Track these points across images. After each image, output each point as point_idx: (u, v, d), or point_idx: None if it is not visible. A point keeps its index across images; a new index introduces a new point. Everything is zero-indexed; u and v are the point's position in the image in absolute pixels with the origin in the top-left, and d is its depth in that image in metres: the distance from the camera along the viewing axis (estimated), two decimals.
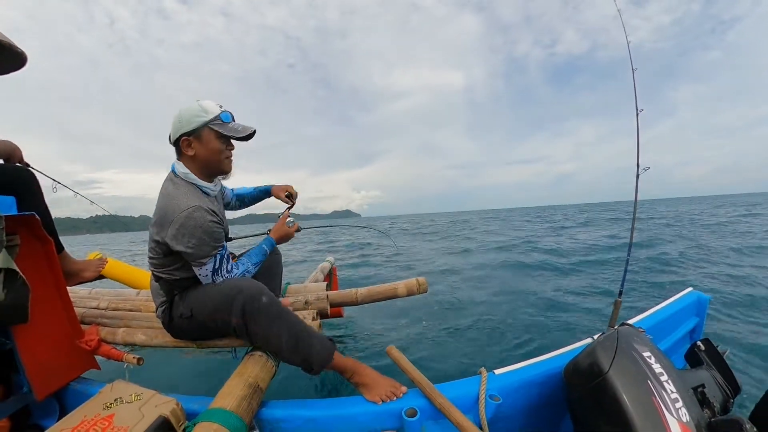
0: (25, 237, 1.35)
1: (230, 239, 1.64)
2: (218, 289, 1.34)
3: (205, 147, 1.36)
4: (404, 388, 1.33)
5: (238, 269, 1.46)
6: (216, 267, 1.36)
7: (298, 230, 1.73)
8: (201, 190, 1.41)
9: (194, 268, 1.35)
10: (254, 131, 1.43)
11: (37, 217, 1.38)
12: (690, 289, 1.93)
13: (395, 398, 1.29)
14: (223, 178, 1.52)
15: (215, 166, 1.42)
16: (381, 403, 1.27)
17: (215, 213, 1.34)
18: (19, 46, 1.64)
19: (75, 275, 1.88)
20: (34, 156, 1.65)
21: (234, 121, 1.42)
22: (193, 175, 1.39)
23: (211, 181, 1.46)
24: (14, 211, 1.35)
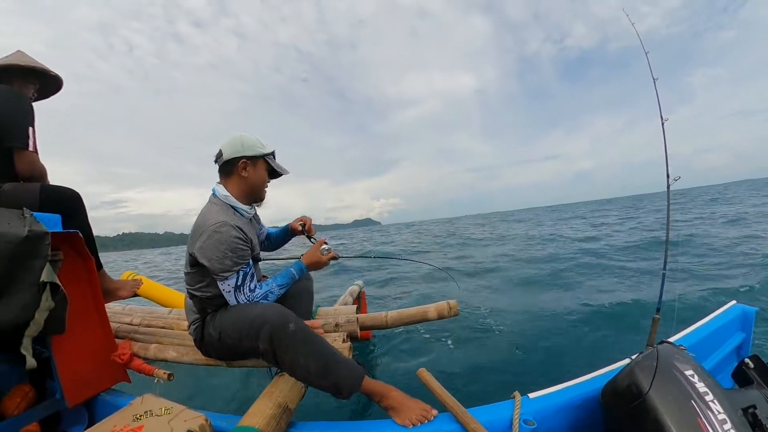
0: (68, 253, 1.43)
1: (259, 260, 1.67)
2: (245, 315, 1.36)
3: (257, 174, 1.53)
4: (435, 411, 1.30)
5: (261, 289, 1.46)
6: (238, 284, 1.38)
7: (335, 258, 1.68)
8: (236, 210, 1.51)
9: (218, 283, 1.39)
10: (289, 173, 1.64)
11: (80, 235, 1.46)
12: (733, 302, 1.82)
13: (426, 422, 1.25)
14: (258, 205, 1.66)
15: (258, 192, 1.58)
16: (411, 427, 1.23)
17: (242, 231, 1.41)
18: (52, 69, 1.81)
19: (111, 293, 1.95)
20: (62, 179, 1.77)
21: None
22: (233, 198, 1.51)
23: (248, 204, 1.58)
24: (59, 229, 1.42)
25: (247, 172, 1.50)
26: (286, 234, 1.93)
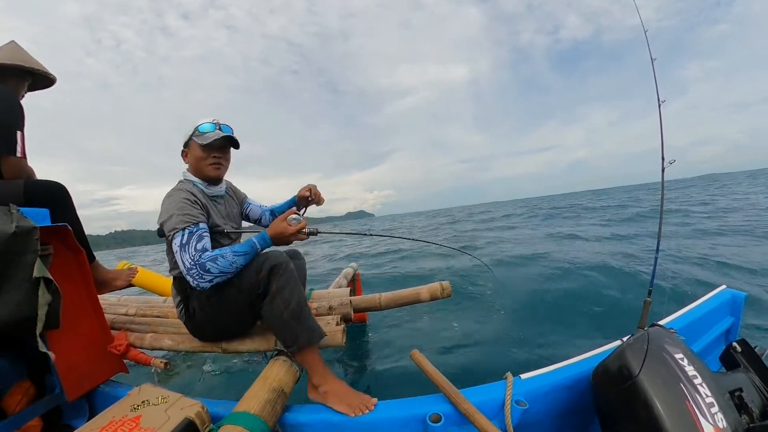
0: (58, 247, 1.42)
1: (222, 232, 1.60)
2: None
3: (192, 156, 1.59)
4: (375, 400, 1.32)
5: (212, 252, 1.35)
6: (183, 242, 1.35)
7: (311, 233, 1.48)
8: (197, 186, 1.58)
9: (172, 247, 1.41)
10: (226, 137, 1.57)
11: (69, 228, 1.45)
12: (723, 286, 1.83)
13: (367, 411, 1.28)
14: (218, 185, 1.67)
15: (201, 170, 1.59)
16: (353, 415, 1.27)
17: (194, 196, 1.49)
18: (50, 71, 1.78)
19: (107, 284, 1.95)
20: (50, 177, 1.74)
21: (219, 130, 1.58)
22: (191, 176, 1.61)
23: (208, 183, 1.63)
24: (48, 223, 1.41)
25: (187, 159, 1.62)
26: (294, 205, 1.84)
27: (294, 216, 1.42)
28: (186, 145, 1.61)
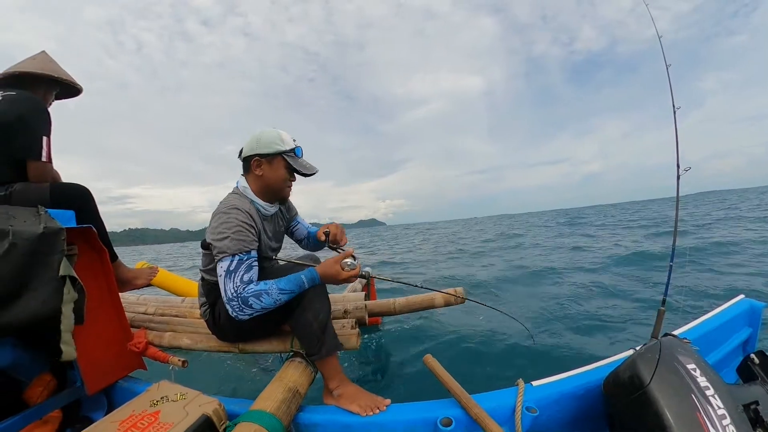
0: (83, 247, 1.47)
1: (270, 259, 1.60)
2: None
3: (274, 172, 1.48)
4: (387, 401, 1.35)
5: (257, 286, 1.32)
6: (230, 268, 1.31)
7: (364, 277, 1.51)
8: (253, 203, 1.50)
9: (217, 267, 1.37)
10: (317, 171, 1.54)
11: (94, 229, 1.50)
12: (741, 296, 1.80)
13: (378, 411, 1.31)
14: (280, 204, 1.62)
15: (276, 191, 1.53)
16: (364, 415, 1.29)
17: (251, 218, 1.42)
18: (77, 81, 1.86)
19: (128, 282, 2.00)
20: (70, 175, 1.72)
21: (302, 157, 1.54)
22: (251, 191, 1.51)
23: (269, 202, 1.56)
24: (73, 224, 1.46)
25: (261, 170, 1.47)
26: (314, 237, 1.81)
27: (350, 261, 1.39)
28: (266, 156, 1.46)
